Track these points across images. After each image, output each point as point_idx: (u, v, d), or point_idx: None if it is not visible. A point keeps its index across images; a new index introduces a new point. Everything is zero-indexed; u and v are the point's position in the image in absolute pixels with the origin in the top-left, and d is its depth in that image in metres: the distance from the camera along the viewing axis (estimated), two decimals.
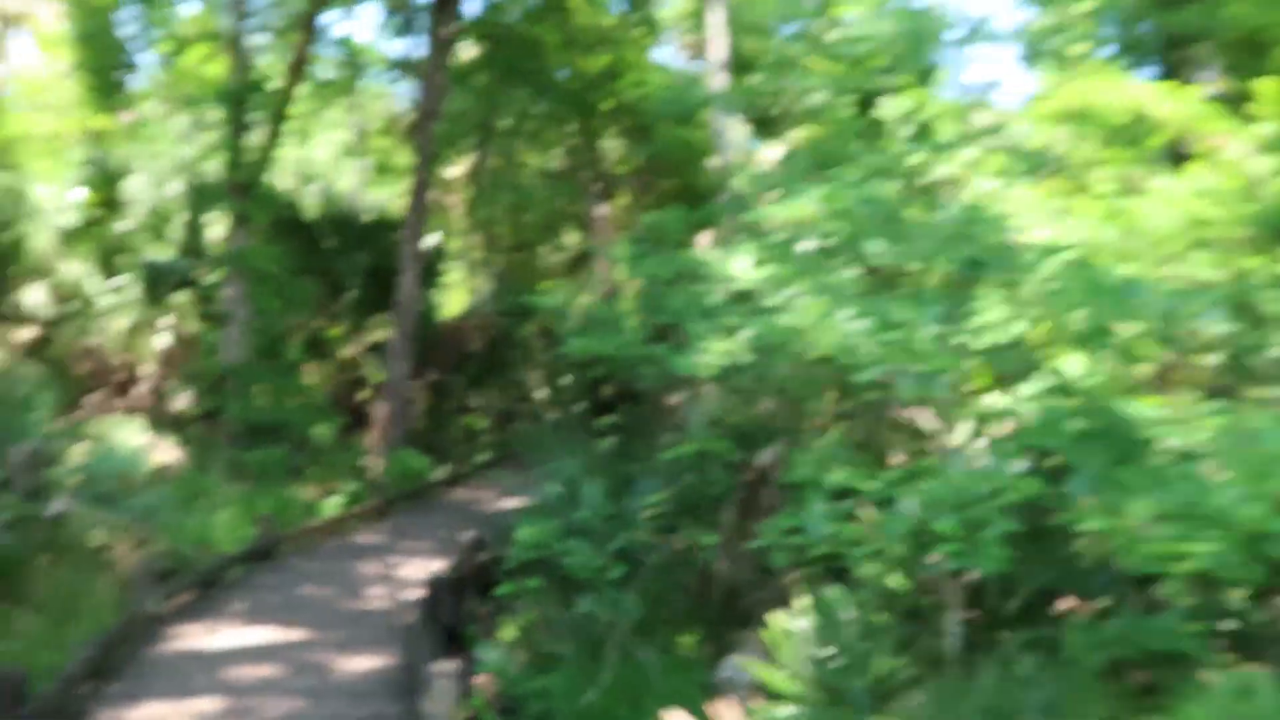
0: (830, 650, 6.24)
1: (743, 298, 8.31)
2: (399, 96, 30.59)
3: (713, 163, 31.51)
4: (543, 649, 8.17)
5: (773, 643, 6.58)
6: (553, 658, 7.90)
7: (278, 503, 13.61)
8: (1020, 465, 6.51)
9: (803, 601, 6.63)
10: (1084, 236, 8.41)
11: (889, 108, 10.39)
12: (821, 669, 6.19)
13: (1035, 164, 10.51)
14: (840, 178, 8.83)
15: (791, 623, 6.51)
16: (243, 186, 17.30)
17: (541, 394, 27.64)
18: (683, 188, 27.24)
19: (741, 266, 8.33)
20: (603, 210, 28.32)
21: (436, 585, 9.07)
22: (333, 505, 15.01)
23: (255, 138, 18.24)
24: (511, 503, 16.76)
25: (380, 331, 23.37)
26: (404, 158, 30.41)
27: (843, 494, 6.66)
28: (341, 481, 16.72)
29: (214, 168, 22.96)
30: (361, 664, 7.80)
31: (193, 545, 10.85)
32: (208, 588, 9.57)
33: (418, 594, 10.05)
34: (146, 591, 8.47)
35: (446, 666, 6.17)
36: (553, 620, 8.30)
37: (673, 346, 8.73)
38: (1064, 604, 7.02)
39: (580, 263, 38.34)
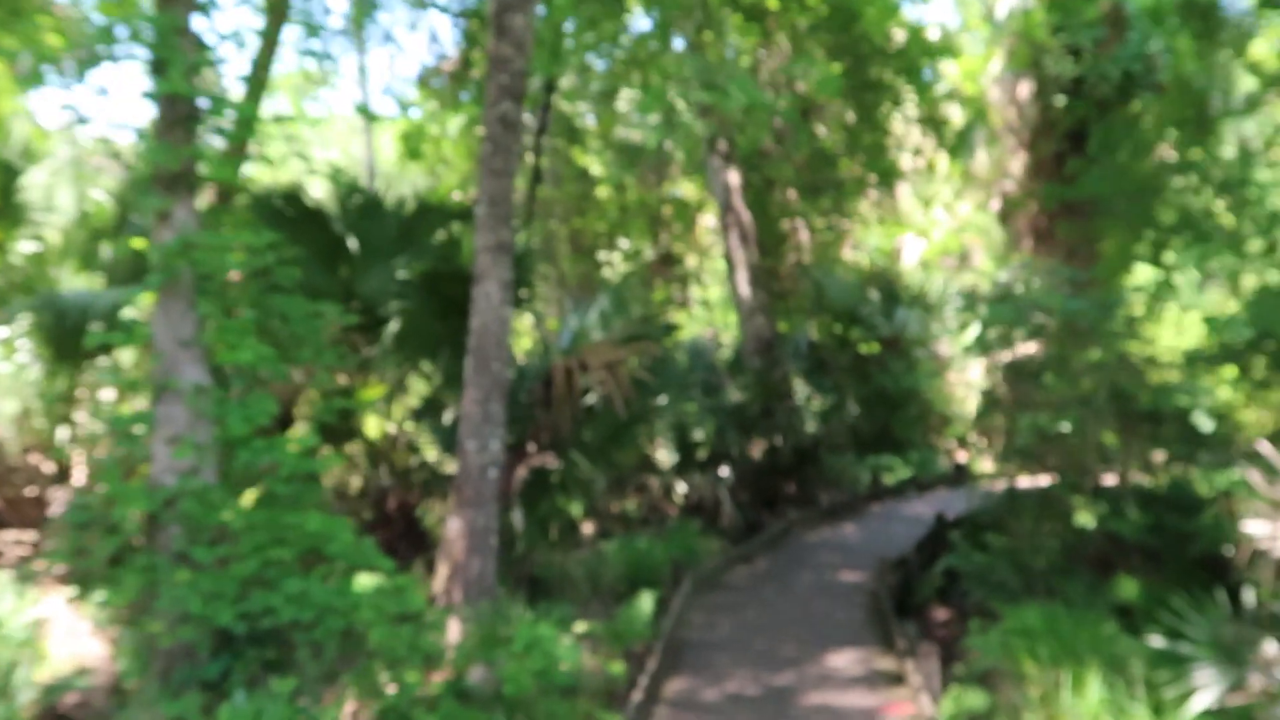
0: None
1: None
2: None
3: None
4: None
5: None
6: None
7: None
8: None
9: None
10: None
11: None
12: None
13: None
14: None
15: None
16: (185, 118, 8.50)
17: (666, 457, 18.94)
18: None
19: None
20: (734, 178, 19.52)
21: None
22: None
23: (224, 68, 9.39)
24: None
25: (435, 385, 14.59)
26: (446, 120, 21.84)
27: None
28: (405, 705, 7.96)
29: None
30: None
31: None
32: None
33: None
34: None
35: None
36: None
37: None
38: None
39: (665, 265, 29.68)
